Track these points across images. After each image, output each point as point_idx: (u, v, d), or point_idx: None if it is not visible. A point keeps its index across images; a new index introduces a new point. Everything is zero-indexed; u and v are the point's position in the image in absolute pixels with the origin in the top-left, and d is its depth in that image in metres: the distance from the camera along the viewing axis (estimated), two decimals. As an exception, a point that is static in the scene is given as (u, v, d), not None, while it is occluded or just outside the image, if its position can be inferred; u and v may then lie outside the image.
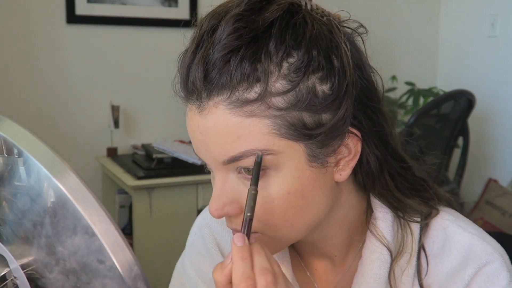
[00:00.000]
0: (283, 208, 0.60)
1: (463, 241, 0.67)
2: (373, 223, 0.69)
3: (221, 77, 0.56)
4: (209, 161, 0.60)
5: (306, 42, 0.56)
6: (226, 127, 0.57)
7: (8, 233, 0.48)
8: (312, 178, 0.60)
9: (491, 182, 2.77)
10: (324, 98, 0.57)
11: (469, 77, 2.88)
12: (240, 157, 0.57)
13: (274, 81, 0.56)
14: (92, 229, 0.41)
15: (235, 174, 0.60)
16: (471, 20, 2.88)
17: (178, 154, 2.16)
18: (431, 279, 0.68)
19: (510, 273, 0.67)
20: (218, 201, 0.60)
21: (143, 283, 0.41)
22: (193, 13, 2.53)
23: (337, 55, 0.58)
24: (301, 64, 0.56)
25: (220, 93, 0.56)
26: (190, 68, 0.58)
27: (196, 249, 0.79)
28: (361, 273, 0.69)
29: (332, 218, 0.67)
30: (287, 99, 0.56)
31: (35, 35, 2.31)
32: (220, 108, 0.57)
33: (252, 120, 0.56)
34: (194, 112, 0.60)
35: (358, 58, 0.62)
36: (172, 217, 2.10)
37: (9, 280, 0.47)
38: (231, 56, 0.56)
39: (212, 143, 0.58)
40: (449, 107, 2.27)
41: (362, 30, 0.64)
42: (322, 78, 0.57)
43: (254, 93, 0.56)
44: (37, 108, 2.34)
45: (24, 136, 0.45)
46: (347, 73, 0.59)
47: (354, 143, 0.62)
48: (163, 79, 2.90)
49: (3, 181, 0.48)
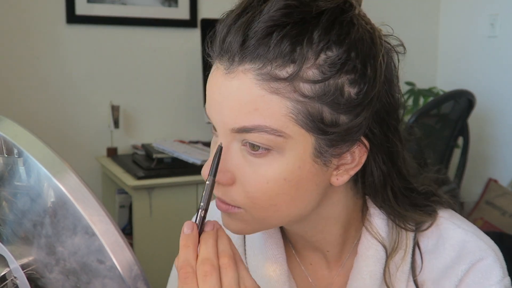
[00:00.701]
0: (275, 192, 0.60)
1: (456, 237, 0.68)
2: (368, 220, 0.70)
3: (259, 47, 0.56)
4: (219, 124, 0.60)
5: (349, 42, 0.57)
6: (248, 96, 0.57)
7: (8, 233, 0.48)
8: (311, 172, 0.60)
9: (491, 182, 2.77)
10: (348, 101, 0.58)
11: (469, 77, 2.88)
12: (251, 130, 0.57)
13: (308, 68, 0.56)
14: (92, 229, 0.41)
15: (239, 145, 0.60)
16: (471, 20, 2.88)
17: (178, 154, 2.16)
18: (425, 275, 0.69)
19: (503, 270, 0.67)
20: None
21: (143, 283, 0.41)
22: (193, 13, 2.53)
23: (372, 65, 0.59)
24: (338, 61, 0.57)
25: (253, 62, 0.56)
26: (231, 28, 0.58)
27: None
28: (357, 270, 0.69)
29: (323, 215, 0.67)
30: (314, 89, 0.57)
31: (35, 35, 2.31)
32: (248, 76, 0.57)
33: (275, 97, 0.56)
34: (220, 72, 0.59)
35: (390, 74, 0.63)
36: (172, 217, 2.10)
37: (9, 280, 0.47)
38: (274, 30, 0.56)
39: (229, 107, 0.58)
40: (449, 107, 2.27)
41: (400, 49, 0.65)
42: (352, 81, 0.58)
43: (285, 72, 0.56)
44: (37, 108, 2.34)
45: (24, 136, 0.45)
46: (376, 84, 0.59)
47: (361, 153, 0.62)
48: (163, 79, 2.89)
49: (3, 181, 0.48)
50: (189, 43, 2.53)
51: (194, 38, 2.51)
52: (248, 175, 0.60)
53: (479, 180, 2.83)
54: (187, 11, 2.52)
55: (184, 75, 2.57)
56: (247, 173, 0.60)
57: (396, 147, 0.65)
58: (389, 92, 0.63)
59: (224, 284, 0.53)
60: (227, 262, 0.54)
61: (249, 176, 0.60)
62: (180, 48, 2.54)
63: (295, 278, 0.74)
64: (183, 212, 2.11)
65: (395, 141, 0.64)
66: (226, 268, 0.54)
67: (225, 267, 0.54)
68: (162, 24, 2.49)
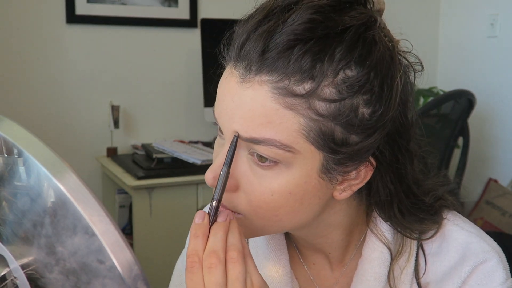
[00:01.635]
0: (279, 204, 0.59)
1: (460, 239, 0.68)
2: (374, 222, 0.69)
3: (278, 59, 0.54)
4: (227, 129, 0.59)
5: (370, 63, 0.56)
6: (262, 108, 0.55)
7: (8, 233, 0.48)
8: (316, 188, 0.60)
9: (491, 182, 2.77)
10: (362, 122, 0.57)
11: (469, 77, 2.88)
12: (261, 142, 0.56)
13: (325, 86, 0.55)
14: (92, 229, 0.41)
15: (246, 153, 0.59)
16: (471, 20, 2.88)
17: (178, 154, 2.16)
18: (429, 277, 0.69)
19: (506, 271, 0.67)
20: (218, 170, 0.59)
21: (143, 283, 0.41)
22: (193, 13, 2.53)
23: (389, 85, 0.58)
24: (357, 83, 0.55)
25: (270, 74, 0.55)
26: (250, 36, 0.56)
27: None
28: (361, 271, 0.69)
29: (324, 222, 0.67)
30: (329, 108, 0.55)
31: (35, 35, 2.31)
32: (264, 88, 0.55)
33: (289, 112, 0.55)
34: (234, 79, 0.57)
35: (406, 94, 0.62)
36: (172, 217, 2.10)
37: (9, 280, 0.47)
38: (297, 44, 0.54)
39: (240, 116, 0.57)
40: (449, 107, 2.27)
41: (418, 67, 0.64)
42: (368, 101, 0.57)
43: (302, 89, 0.55)
44: (37, 108, 2.34)
45: (24, 136, 0.45)
46: (391, 107, 0.58)
47: (367, 171, 0.61)
48: (163, 79, 2.89)
49: (3, 181, 0.47)
50: (189, 43, 2.53)
51: (194, 38, 2.50)
52: (253, 185, 0.59)
53: (479, 180, 2.83)
54: (187, 11, 2.52)
55: (184, 75, 2.57)
56: (252, 182, 0.59)
57: (404, 167, 0.64)
58: (403, 113, 0.62)
59: (230, 278, 0.53)
60: (235, 256, 0.54)
61: (254, 186, 0.59)
62: (180, 48, 2.54)
63: (298, 278, 0.74)
64: (183, 212, 2.11)
65: (405, 162, 0.63)
66: (234, 263, 0.54)
67: (233, 261, 0.54)
68: (162, 24, 2.49)
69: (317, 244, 0.71)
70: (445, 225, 0.69)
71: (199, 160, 2.11)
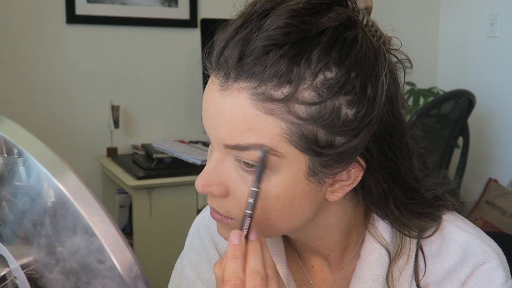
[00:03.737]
0: (268, 209, 0.59)
1: (460, 240, 0.67)
2: (372, 224, 0.69)
3: (255, 65, 0.55)
4: (213, 138, 0.60)
5: (349, 63, 0.55)
6: (242, 115, 0.56)
7: (8, 233, 0.48)
8: (305, 190, 0.59)
9: (491, 182, 2.77)
10: (345, 123, 0.56)
11: (469, 77, 2.88)
12: (245, 148, 0.56)
13: (304, 89, 0.55)
14: (92, 229, 0.41)
15: (233, 159, 0.59)
16: (471, 20, 2.88)
17: (178, 154, 2.16)
18: (428, 279, 0.68)
19: (506, 273, 0.67)
20: (208, 177, 0.60)
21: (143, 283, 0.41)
22: (193, 13, 2.53)
23: (373, 84, 0.57)
24: (336, 84, 0.55)
25: (248, 80, 0.55)
26: (228, 43, 0.57)
27: (194, 249, 0.79)
28: (359, 273, 0.68)
29: (320, 224, 0.66)
30: (309, 111, 0.55)
31: (35, 35, 2.31)
32: (243, 94, 0.55)
33: (269, 117, 0.55)
34: (215, 87, 0.58)
35: (393, 93, 0.61)
36: (172, 217, 2.10)
37: (9, 280, 0.47)
38: (272, 50, 0.54)
39: (223, 124, 0.57)
40: (449, 107, 2.27)
41: (407, 64, 0.63)
42: (351, 102, 0.56)
43: (280, 93, 0.54)
44: (37, 108, 2.34)
45: (24, 136, 0.45)
46: (375, 106, 0.57)
47: (357, 172, 0.61)
48: (163, 79, 2.89)
49: (3, 181, 0.47)
50: (189, 43, 2.53)
51: (194, 38, 2.50)
52: (241, 190, 0.59)
53: (479, 180, 2.83)
54: (187, 11, 2.52)
55: (184, 75, 2.57)
56: (240, 188, 0.59)
57: (396, 165, 0.63)
58: (390, 112, 0.60)
59: None
60: (271, 274, 0.55)
61: (242, 191, 0.59)
62: (180, 48, 2.54)
63: (297, 281, 0.74)
64: (183, 212, 2.11)
65: (396, 159, 0.62)
66: (271, 280, 0.55)
67: (270, 279, 0.55)
68: (162, 24, 2.49)
69: (315, 247, 0.71)
70: (444, 227, 0.69)
71: (199, 160, 2.11)
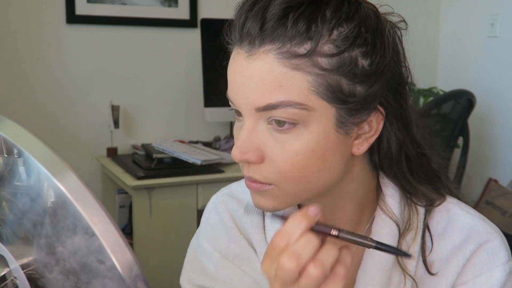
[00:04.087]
0: (304, 164, 0.63)
1: (465, 221, 0.72)
2: (382, 200, 0.73)
3: (277, 28, 0.60)
4: (244, 105, 0.63)
5: (358, 18, 0.62)
6: (271, 75, 0.60)
7: (8, 233, 0.48)
8: (335, 142, 0.64)
9: (491, 182, 2.77)
10: (363, 71, 0.62)
11: (469, 77, 2.88)
12: (276, 106, 0.60)
13: (323, 44, 0.60)
14: (92, 229, 0.41)
15: (265, 123, 0.63)
16: (471, 20, 2.88)
17: (178, 154, 2.16)
18: (434, 256, 0.72)
19: (508, 253, 0.71)
20: (243, 145, 0.63)
21: (143, 283, 0.41)
22: (193, 13, 2.53)
23: (380, 38, 0.64)
24: (350, 35, 0.61)
25: (272, 43, 0.60)
26: (248, 15, 0.62)
27: (211, 223, 0.81)
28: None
29: (342, 190, 0.70)
30: (331, 62, 0.61)
31: (35, 35, 2.31)
32: (270, 56, 0.60)
33: (296, 73, 0.60)
34: (241, 57, 0.63)
35: (396, 46, 0.68)
36: (172, 217, 2.10)
37: (9, 280, 0.47)
38: (290, 11, 0.60)
39: (253, 88, 0.61)
40: (449, 107, 2.27)
41: (402, 25, 0.71)
42: (365, 53, 0.62)
43: (303, 49, 0.60)
44: (37, 108, 2.34)
45: (24, 136, 0.45)
46: (386, 55, 0.64)
47: (378, 121, 0.66)
48: (163, 79, 2.89)
49: (3, 181, 0.47)
50: (189, 43, 2.53)
51: (194, 38, 2.50)
52: (276, 151, 0.63)
53: (479, 180, 2.83)
54: (187, 11, 2.52)
55: (184, 75, 2.57)
56: (275, 149, 0.63)
57: (408, 113, 0.69)
58: (397, 63, 0.67)
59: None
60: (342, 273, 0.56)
61: (277, 152, 0.63)
62: (180, 48, 2.54)
63: None
64: (183, 212, 2.11)
65: (407, 108, 0.69)
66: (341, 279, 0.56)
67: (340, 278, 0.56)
68: (162, 24, 2.49)
69: (332, 220, 0.72)
70: (450, 208, 0.73)
71: (199, 160, 2.11)
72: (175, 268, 2.43)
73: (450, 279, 0.71)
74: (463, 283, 0.71)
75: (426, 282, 0.72)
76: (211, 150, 2.35)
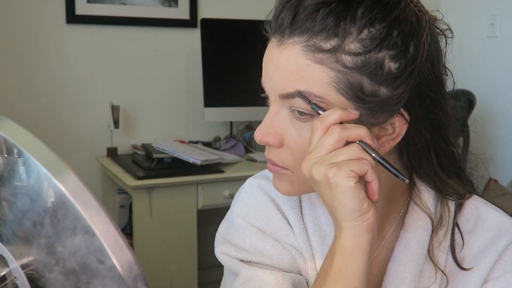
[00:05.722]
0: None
1: (494, 219, 0.75)
2: (416, 194, 0.74)
3: (306, 21, 0.62)
4: (270, 91, 0.67)
5: (391, 20, 0.62)
6: (295, 65, 0.63)
7: (8, 233, 0.48)
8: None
9: (491, 182, 2.77)
10: (388, 73, 0.63)
11: (469, 77, 2.88)
12: (296, 96, 0.63)
13: (350, 42, 0.62)
14: (92, 229, 0.41)
15: (287, 111, 0.66)
16: (471, 20, 2.88)
17: (178, 154, 2.16)
18: (465, 253, 0.74)
19: None
20: (265, 128, 0.67)
21: (143, 283, 0.41)
22: (193, 13, 2.53)
23: (415, 44, 0.64)
24: (378, 36, 0.61)
25: (300, 35, 0.63)
26: (285, 6, 0.65)
27: (248, 202, 0.79)
28: (405, 240, 0.73)
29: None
30: (355, 60, 0.62)
31: (35, 35, 2.31)
32: (297, 47, 0.63)
33: (319, 67, 0.62)
34: (273, 45, 0.66)
35: (435, 54, 0.68)
36: (172, 217, 2.10)
37: (9, 280, 0.47)
38: (321, 7, 0.62)
39: (278, 75, 0.65)
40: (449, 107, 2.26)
41: (449, 34, 0.71)
42: (393, 56, 0.63)
43: (329, 45, 0.62)
44: (37, 108, 2.34)
45: (24, 136, 0.45)
46: (417, 61, 0.64)
47: (401, 124, 0.66)
48: (163, 79, 2.89)
49: (3, 181, 0.47)
50: (189, 43, 2.53)
51: (194, 38, 2.51)
52: (294, 138, 0.66)
53: (479, 180, 2.83)
54: (187, 11, 2.52)
55: (184, 75, 2.57)
56: (293, 135, 0.66)
57: (438, 117, 0.68)
58: (431, 70, 0.67)
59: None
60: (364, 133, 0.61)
61: (295, 139, 0.66)
62: (180, 48, 2.54)
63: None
64: (183, 212, 2.11)
65: (438, 113, 0.68)
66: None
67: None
68: (162, 24, 2.49)
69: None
70: (479, 206, 0.76)
71: (199, 160, 2.11)
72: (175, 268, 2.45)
73: (482, 274, 0.73)
74: (494, 279, 0.73)
75: (458, 278, 0.73)
76: (211, 150, 2.35)
